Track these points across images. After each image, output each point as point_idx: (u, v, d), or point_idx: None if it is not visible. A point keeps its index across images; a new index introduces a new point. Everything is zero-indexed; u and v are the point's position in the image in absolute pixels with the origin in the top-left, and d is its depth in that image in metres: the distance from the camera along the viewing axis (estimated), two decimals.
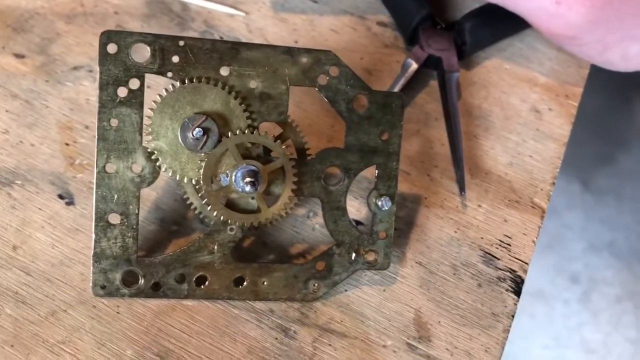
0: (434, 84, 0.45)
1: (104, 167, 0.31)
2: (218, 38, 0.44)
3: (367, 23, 0.48)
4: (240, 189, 0.30)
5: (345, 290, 0.34)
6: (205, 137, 0.30)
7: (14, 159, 0.36)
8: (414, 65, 0.43)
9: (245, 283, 0.32)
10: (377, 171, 0.33)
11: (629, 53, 0.42)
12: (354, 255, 0.33)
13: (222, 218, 0.31)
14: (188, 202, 0.33)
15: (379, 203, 0.33)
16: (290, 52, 0.32)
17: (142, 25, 0.44)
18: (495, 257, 0.37)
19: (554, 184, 0.42)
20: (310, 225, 0.36)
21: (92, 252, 0.31)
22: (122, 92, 0.30)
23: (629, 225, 1.26)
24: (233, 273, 0.32)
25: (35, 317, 0.31)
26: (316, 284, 0.33)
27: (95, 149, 0.31)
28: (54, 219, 0.34)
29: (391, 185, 0.33)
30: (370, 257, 0.34)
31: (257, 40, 0.45)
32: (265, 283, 0.33)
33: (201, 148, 0.30)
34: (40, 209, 0.34)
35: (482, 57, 0.47)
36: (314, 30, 0.47)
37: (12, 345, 0.30)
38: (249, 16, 0.46)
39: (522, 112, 0.45)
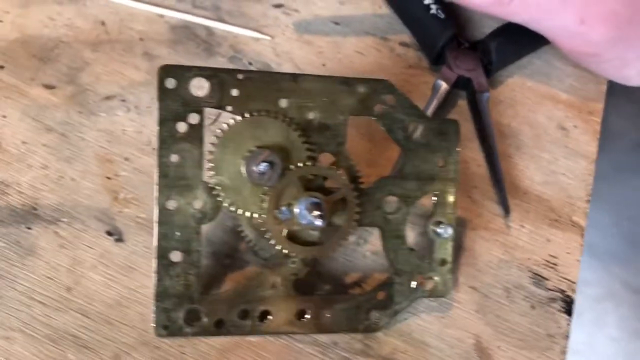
0: (462, 104, 0.45)
1: (165, 204, 0.30)
2: (246, 63, 0.44)
3: (389, 44, 0.48)
4: (306, 222, 0.30)
5: (405, 319, 0.34)
6: (270, 171, 0.30)
7: (57, 195, 0.35)
8: (445, 86, 0.43)
9: (307, 316, 0.32)
10: (435, 198, 0.33)
11: None
12: (414, 283, 0.33)
13: (285, 251, 0.31)
14: (242, 234, 0.32)
15: (439, 231, 0.33)
16: (347, 83, 0.31)
17: (170, 52, 0.43)
18: (544, 278, 0.37)
19: (588, 201, 0.42)
20: (361, 253, 0.36)
21: (154, 291, 0.30)
22: (181, 127, 0.30)
23: (605, 227, 1.28)
24: (295, 306, 0.32)
25: None
26: (378, 314, 0.33)
27: (156, 186, 0.30)
28: (105, 257, 0.33)
29: (449, 212, 0.33)
30: (430, 284, 0.33)
31: (286, 64, 0.45)
32: (327, 315, 0.32)
33: (266, 181, 0.30)
34: (90, 247, 0.33)
35: (504, 75, 0.47)
36: (339, 53, 0.46)
37: None
38: (274, 40, 0.46)
39: (549, 129, 0.45)
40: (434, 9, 0.46)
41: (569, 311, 0.36)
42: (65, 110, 0.38)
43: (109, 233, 0.34)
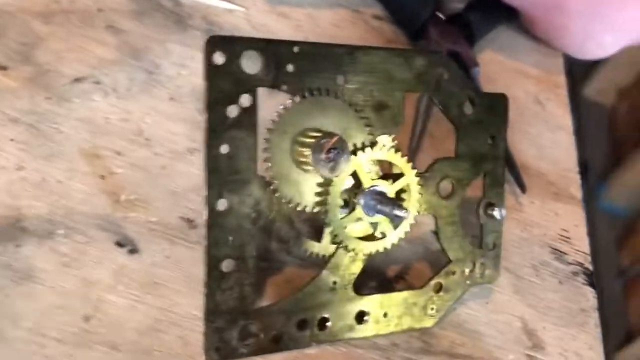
0: None
1: (215, 204, 0.25)
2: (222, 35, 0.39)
3: (364, 17, 0.45)
4: (383, 214, 0.27)
5: (455, 309, 0.32)
6: (339, 159, 0.26)
7: (43, 202, 0.28)
8: None
9: (366, 318, 0.29)
10: (485, 179, 0.31)
11: (604, 42, 0.44)
12: (467, 271, 0.31)
13: (348, 248, 0.27)
14: (276, 232, 0.28)
15: (494, 213, 0.31)
16: (404, 56, 0.28)
17: (136, 25, 0.37)
18: (562, 252, 0.37)
19: (578, 172, 0.43)
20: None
21: (204, 309, 0.25)
22: (232, 111, 0.25)
23: None
24: (354, 308, 0.28)
25: None
26: (434, 307, 0.30)
27: (206, 184, 0.25)
28: (121, 273, 0.27)
29: (500, 192, 0.31)
30: (480, 270, 0.31)
31: (263, 36, 0.40)
32: (386, 315, 0.29)
33: (333, 170, 0.26)
34: (99, 263, 0.27)
35: (476, 50, 0.47)
36: (318, 27, 0.43)
37: None
38: (248, 11, 0.41)
39: (528, 104, 0.45)
40: None
41: (592, 283, 0.36)
42: (28, 96, 0.31)
43: (119, 244, 0.28)
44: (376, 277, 0.31)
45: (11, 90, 0.31)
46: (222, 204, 0.25)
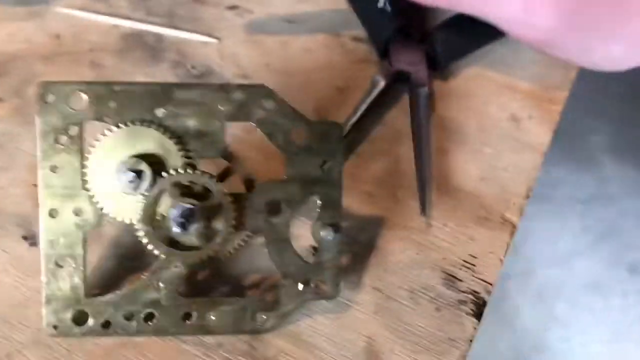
0: (405, 100, 0.44)
1: (48, 212, 0.32)
2: (190, 67, 0.45)
3: (341, 39, 0.48)
4: (175, 228, 0.31)
5: (297, 320, 0.34)
6: (139, 180, 0.31)
7: None
8: (382, 82, 0.43)
9: (192, 318, 0.33)
10: (319, 202, 0.33)
11: (612, 54, 0.40)
12: (301, 285, 0.33)
13: (163, 257, 0.32)
14: (139, 240, 0.33)
15: (323, 234, 0.32)
16: (224, 90, 0.32)
17: (116, 61, 0.45)
18: (457, 279, 0.36)
19: (528, 196, 0.40)
20: (266, 255, 0.36)
21: (43, 294, 0.32)
22: (62, 139, 0.31)
23: None
24: (180, 309, 0.33)
25: None
26: (265, 316, 0.33)
27: (40, 196, 0.32)
28: (17, 260, 0.36)
29: (335, 215, 0.33)
30: (319, 286, 0.33)
31: (230, 66, 0.45)
32: (213, 317, 0.33)
33: (136, 190, 0.31)
34: (4, 251, 0.36)
35: (462, 65, 0.46)
36: (285, 52, 0.47)
37: None
38: (221, 42, 0.47)
39: (500, 121, 0.43)
40: (382, 1, 0.45)
41: (478, 314, 0.35)
42: (8, 122, 0.41)
43: (25, 238, 0.36)
44: (231, 283, 0.35)
45: None
46: (54, 213, 0.32)
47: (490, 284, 0.36)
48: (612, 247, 1.22)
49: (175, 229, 0.31)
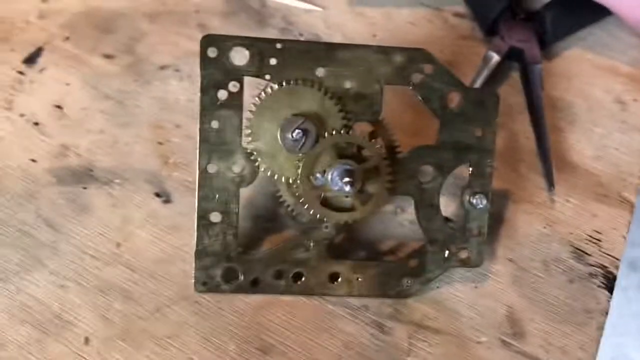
0: (515, 76, 0.44)
1: (205, 167, 0.31)
2: (297, 34, 0.45)
3: (443, 15, 0.47)
4: (337, 188, 0.31)
5: (438, 287, 0.34)
6: (304, 138, 0.31)
7: (112, 158, 0.37)
8: (496, 58, 0.43)
9: (340, 279, 0.33)
10: (471, 169, 0.33)
11: None
12: (447, 252, 0.33)
13: (318, 216, 0.32)
14: (281, 200, 0.33)
15: (474, 201, 0.33)
16: (384, 52, 0.32)
17: (222, 24, 0.45)
18: (585, 253, 0.37)
19: None
20: (398, 222, 0.36)
21: (194, 249, 0.32)
22: (222, 95, 0.31)
23: None
24: (328, 269, 0.33)
25: (142, 312, 0.32)
26: (409, 281, 0.33)
27: (198, 151, 0.31)
28: (153, 216, 0.35)
29: (485, 183, 0.33)
30: (463, 254, 0.34)
31: (336, 35, 0.45)
32: (359, 279, 0.33)
33: (300, 149, 0.31)
34: (139, 207, 0.35)
35: (562, 47, 0.46)
36: (391, 24, 0.47)
37: (123, 339, 0.32)
38: (326, 11, 0.46)
39: (606, 103, 0.44)
40: None
41: (610, 287, 0.35)
42: (122, 79, 0.41)
43: (158, 195, 0.36)
44: (367, 249, 0.35)
45: (112, 74, 0.41)
46: (211, 168, 0.32)
47: (618, 259, 0.37)
48: None
49: (339, 188, 0.31)
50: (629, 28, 0.45)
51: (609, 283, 0.36)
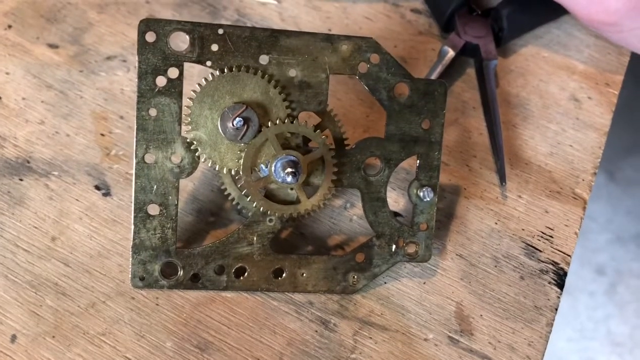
0: (470, 72, 0.44)
1: (143, 157, 0.30)
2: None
3: (400, 10, 0.47)
4: (280, 180, 0.30)
5: (385, 283, 0.34)
6: (245, 127, 0.30)
7: (51, 150, 0.36)
8: (451, 53, 0.42)
9: (284, 275, 0.32)
10: (418, 161, 0.32)
11: None
12: (394, 247, 0.33)
13: (261, 209, 0.31)
14: (225, 192, 0.32)
15: (421, 194, 0.32)
16: (330, 39, 0.31)
17: (174, 15, 0.43)
18: (537, 249, 0.36)
19: (595, 174, 0.40)
20: (347, 217, 0.36)
21: (132, 243, 0.31)
22: (160, 81, 0.30)
23: None
24: (272, 264, 0.32)
25: (75, 308, 0.31)
26: (356, 276, 0.32)
27: (135, 139, 0.30)
28: (91, 210, 0.34)
29: (433, 176, 0.33)
30: (411, 249, 0.33)
31: (291, 28, 0.44)
32: (304, 275, 0.32)
33: (241, 138, 0.30)
34: (77, 200, 0.34)
35: (519, 44, 0.46)
36: (347, 18, 0.46)
37: (53, 337, 0.30)
38: (281, 4, 0.46)
39: (561, 100, 0.44)
40: None
41: (560, 284, 0.35)
42: (66, 69, 0.39)
43: (97, 187, 0.35)
44: (315, 243, 0.34)
45: (55, 64, 0.39)
46: (149, 158, 0.30)
47: (569, 256, 0.36)
48: (580, 250, 1.25)
49: (282, 180, 0.30)
50: (584, 27, 0.45)
51: (560, 279, 0.35)
